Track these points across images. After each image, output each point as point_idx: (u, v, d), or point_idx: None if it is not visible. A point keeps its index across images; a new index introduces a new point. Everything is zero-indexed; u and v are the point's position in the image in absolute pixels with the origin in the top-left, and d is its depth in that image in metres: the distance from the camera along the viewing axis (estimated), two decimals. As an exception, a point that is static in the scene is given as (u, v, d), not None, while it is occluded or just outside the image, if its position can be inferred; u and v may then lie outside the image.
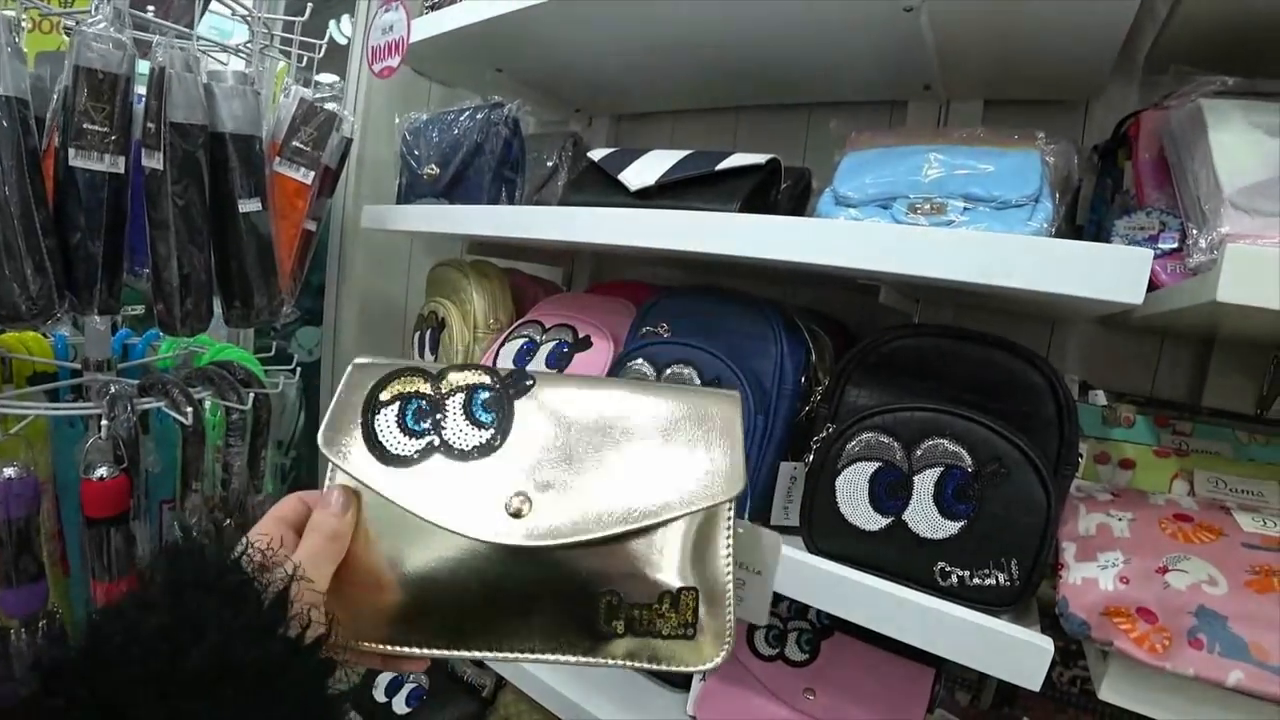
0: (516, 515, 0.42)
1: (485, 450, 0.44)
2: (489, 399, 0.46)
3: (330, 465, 0.44)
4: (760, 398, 0.72)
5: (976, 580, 0.61)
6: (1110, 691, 0.57)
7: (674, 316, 0.85)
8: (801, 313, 0.82)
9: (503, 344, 1.05)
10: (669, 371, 0.78)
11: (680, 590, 0.42)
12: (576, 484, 0.43)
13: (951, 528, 0.61)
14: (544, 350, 0.99)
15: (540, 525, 0.42)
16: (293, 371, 1.23)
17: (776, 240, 0.65)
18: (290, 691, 0.32)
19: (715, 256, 0.71)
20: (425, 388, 0.46)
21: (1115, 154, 0.88)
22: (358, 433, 0.44)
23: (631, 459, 0.44)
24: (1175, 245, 0.72)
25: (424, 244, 1.62)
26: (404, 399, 0.45)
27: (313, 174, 1.06)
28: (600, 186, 0.87)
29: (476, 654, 0.41)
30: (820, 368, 0.76)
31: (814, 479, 0.67)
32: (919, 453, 0.63)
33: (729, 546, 0.44)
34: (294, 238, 1.07)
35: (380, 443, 0.44)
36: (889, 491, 0.64)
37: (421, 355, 1.21)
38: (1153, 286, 0.70)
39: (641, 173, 0.83)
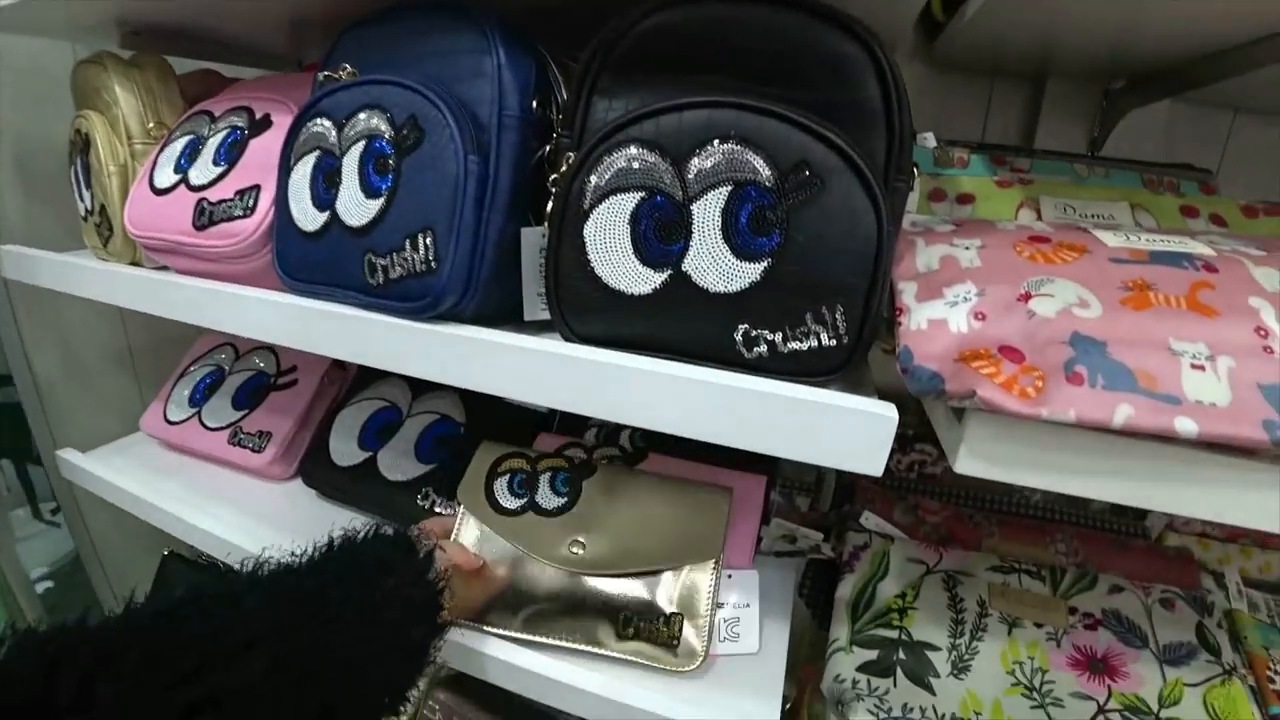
0: (574, 551, 0.64)
1: (561, 511, 0.67)
2: (566, 478, 0.69)
3: (461, 508, 0.69)
4: (477, 135, 0.48)
5: (793, 344, 0.43)
6: (969, 460, 0.41)
7: (361, 53, 0.57)
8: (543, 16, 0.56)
9: (162, 151, 0.74)
10: (354, 125, 0.52)
11: (671, 614, 0.61)
12: (614, 538, 0.65)
13: (751, 273, 0.42)
14: (211, 145, 0.69)
15: (588, 559, 0.64)
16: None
17: None
18: (421, 611, 0.50)
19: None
20: (526, 466, 0.70)
21: None
22: (483, 493, 0.69)
23: (650, 526, 0.65)
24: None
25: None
26: (512, 472, 0.70)
27: None
28: None
29: (536, 638, 0.61)
30: (568, 88, 0.52)
31: (556, 233, 0.45)
32: (694, 170, 0.42)
33: (711, 592, 0.62)
34: None
35: (497, 500, 0.69)
36: (660, 232, 0.43)
37: (79, 192, 0.87)
38: None
39: None
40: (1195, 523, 0.81)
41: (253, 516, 0.83)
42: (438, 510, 0.76)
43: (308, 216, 0.56)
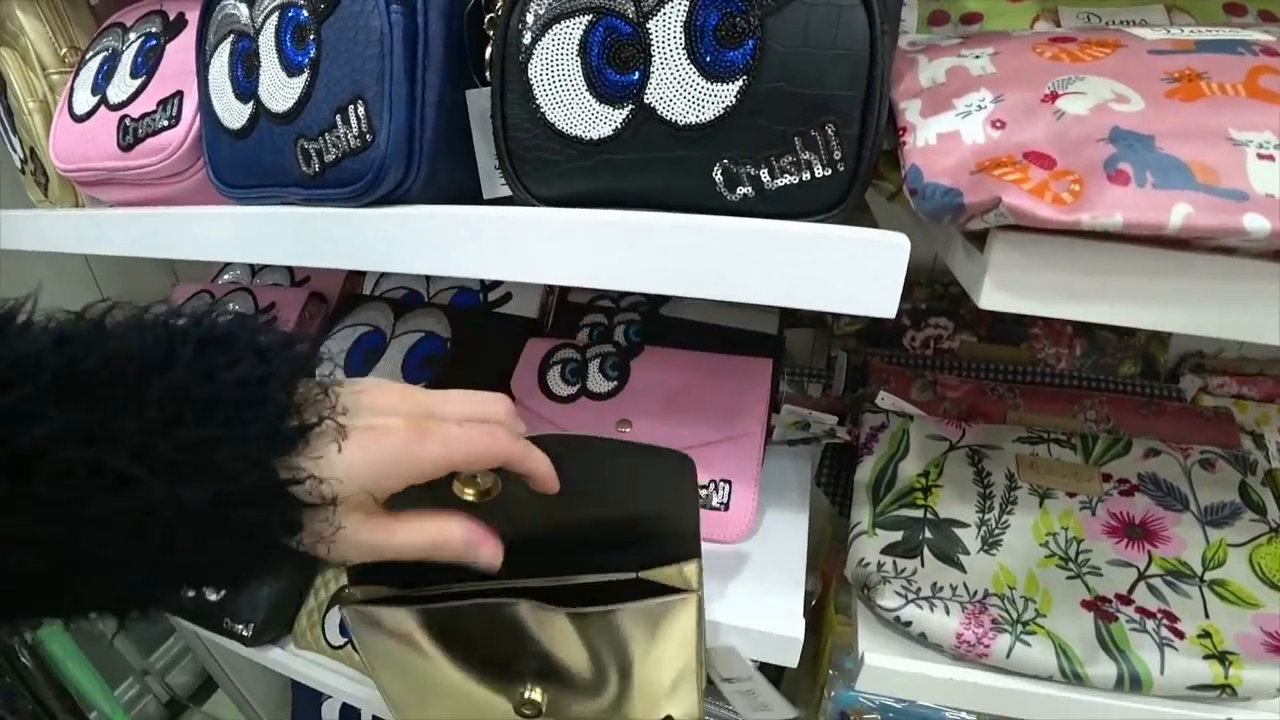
0: None
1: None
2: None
3: None
4: (399, -21, 0.41)
5: (782, 178, 0.37)
6: (995, 293, 0.36)
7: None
8: None
9: (77, 75, 0.67)
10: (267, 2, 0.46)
11: None
12: None
13: (724, 95, 0.36)
14: (126, 59, 0.62)
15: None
16: None
17: None
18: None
19: None
20: None
21: None
22: None
23: None
24: None
25: None
26: None
27: None
28: None
29: None
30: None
31: (499, 81, 0.39)
32: (652, -19, 0.36)
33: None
34: None
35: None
36: (615, 60, 0.36)
37: (8, 141, 0.81)
38: None
39: None
40: (1230, 384, 0.76)
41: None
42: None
43: (232, 112, 0.50)
